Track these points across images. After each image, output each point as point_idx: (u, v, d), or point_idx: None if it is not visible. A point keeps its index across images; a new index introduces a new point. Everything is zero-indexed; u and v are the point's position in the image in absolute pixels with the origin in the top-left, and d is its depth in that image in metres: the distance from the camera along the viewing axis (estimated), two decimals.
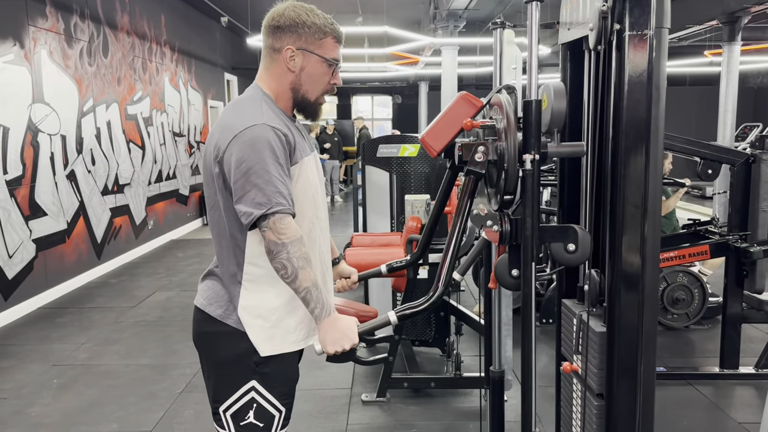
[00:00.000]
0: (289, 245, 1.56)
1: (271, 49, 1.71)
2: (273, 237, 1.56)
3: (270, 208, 1.54)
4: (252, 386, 1.72)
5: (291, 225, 1.57)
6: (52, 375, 3.93)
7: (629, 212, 1.62)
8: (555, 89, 1.53)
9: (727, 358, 3.77)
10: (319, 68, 1.72)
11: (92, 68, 6.55)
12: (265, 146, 1.57)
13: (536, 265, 1.65)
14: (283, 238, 1.56)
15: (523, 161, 1.57)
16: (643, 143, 1.60)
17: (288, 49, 1.68)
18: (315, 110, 1.79)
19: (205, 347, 1.80)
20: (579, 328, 1.84)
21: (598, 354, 1.72)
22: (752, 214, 3.63)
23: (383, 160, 4.14)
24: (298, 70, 1.70)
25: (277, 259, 1.57)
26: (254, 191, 1.55)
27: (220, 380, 1.76)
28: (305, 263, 1.58)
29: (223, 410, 1.75)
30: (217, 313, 1.74)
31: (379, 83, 18.88)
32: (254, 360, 1.71)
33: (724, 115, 8.61)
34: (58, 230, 5.80)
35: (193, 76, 9.92)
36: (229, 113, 1.69)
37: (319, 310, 1.61)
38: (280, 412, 1.76)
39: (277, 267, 1.58)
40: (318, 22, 1.70)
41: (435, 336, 4.05)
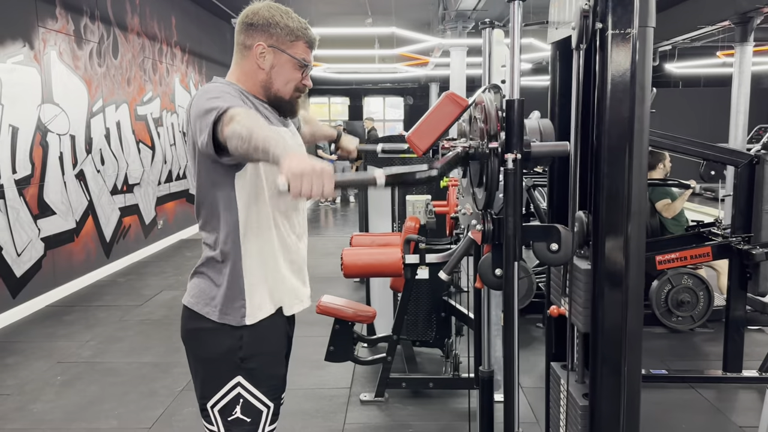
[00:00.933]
0: (240, 119, 1.45)
1: (242, 45, 1.73)
2: (226, 126, 1.46)
3: (220, 110, 1.49)
4: (238, 382, 1.73)
5: (240, 109, 1.49)
6: (56, 372, 3.97)
7: (612, 212, 1.61)
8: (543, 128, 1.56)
9: (730, 361, 3.73)
10: (289, 67, 1.73)
11: (102, 69, 6.62)
12: (212, 90, 1.63)
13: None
14: (236, 117, 1.46)
15: (505, 160, 1.57)
16: (626, 142, 1.59)
17: (259, 45, 1.70)
18: (291, 107, 1.80)
19: (192, 344, 1.82)
20: (567, 270, 1.82)
21: (583, 293, 1.70)
22: (756, 215, 3.58)
23: (385, 161, 4.14)
24: (268, 68, 1.72)
25: (233, 136, 1.43)
26: (206, 116, 1.51)
27: (206, 376, 1.78)
28: (258, 122, 1.46)
29: (210, 406, 1.77)
30: (205, 311, 1.76)
31: (390, 84, 18.89)
32: (239, 356, 1.73)
33: (736, 116, 8.50)
34: (67, 229, 5.86)
35: (204, 77, 9.98)
36: None
37: (282, 149, 1.37)
38: (268, 408, 1.77)
39: (235, 144, 1.43)
40: (291, 24, 1.71)
41: (436, 336, 4.04)
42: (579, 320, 1.73)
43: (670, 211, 4.71)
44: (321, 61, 12.30)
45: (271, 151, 1.38)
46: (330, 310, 3.29)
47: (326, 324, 3.31)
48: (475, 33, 9.37)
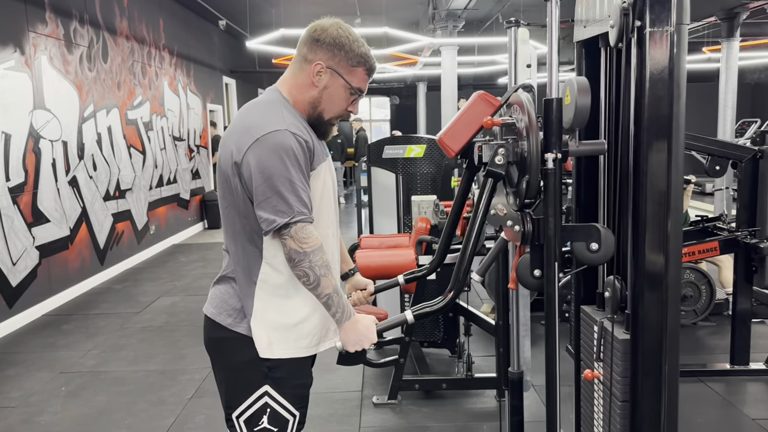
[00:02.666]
0: (311, 254, 1.58)
1: (303, 58, 1.71)
2: (295, 246, 1.57)
3: (292, 217, 1.56)
4: (265, 391, 1.71)
5: (312, 234, 1.59)
6: (60, 383, 3.91)
7: (652, 209, 1.61)
8: (579, 84, 1.51)
9: (737, 354, 3.76)
10: (341, 92, 1.72)
11: (92, 73, 6.53)
12: (288, 153, 1.57)
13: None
14: (306, 247, 1.57)
15: (545, 160, 1.56)
16: (665, 140, 1.59)
17: (318, 64, 1.68)
18: (326, 130, 1.79)
19: (217, 353, 1.80)
20: (600, 335, 1.83)
21: (621, 362, 1.71)
22: (760, 209, 3.62)
23: (389, 162, 4.13)
24: (321, 87, 1.70)
25: (299, 267, 1.59)
26: (276, 198, 1.55)
27: (232, 386, 1.76)
28: (327, 271, 1.61)
29: (236, 416, 1.75)
30: (227, 322, 1.73)
31: (376, 84, 18.86)
32: (266, 365, 1.70)
33: (724, 111, 8.62)
34: (61, 237, 5.77)
35: (192, 80, 9.89)
36: (248, 115, 1.68)
37: (341, 314, 1.65)
38: (294, 417, 1.75)
39: (299, 274, 1.60)
40: (356, 50, 1.70)
41: (444, 337, 4.04)
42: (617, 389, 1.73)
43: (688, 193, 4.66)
44: None
45: (332, 311, 1.65)
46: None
47: None
48: (465, 32, 9.39)
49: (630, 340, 1.70)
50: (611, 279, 1.80)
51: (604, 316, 1.85)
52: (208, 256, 7.67)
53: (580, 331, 2.04)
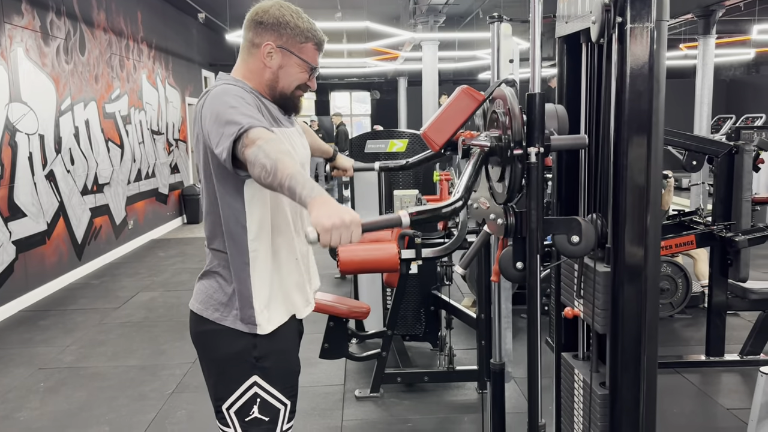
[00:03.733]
0: (263, 145, 1.43)
1: (250, 43, 1.70)
2: (247, 149, 1.44)
3: (241, 128, 1.47)
4: (254, 381, 1.71)
5: (262, 131, 1.47)
6: (39, 378, 3.86)
7: (632, 203, 1.64)
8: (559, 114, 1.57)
9: (712, 345, 3.84)
10: (296, 69, 1.71)
11: (69, 66, 6.43)
12: (229, 94, 1.58)
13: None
14: (258, 141, 1.44)
15: (528, 154, 1.58)
16: (645, 134, 1.61)
17: (267, 45, 1.67)
18: (294, 104, 1.78)
19: (204, 346, 1.79)
20: (581, 272, 1.84)
21: (602, 295, 1.72)
22: (736, 204, 3.69)
23: (371, 156, 4.13)
24: (275, 68, 1.70)
25: (256, 164, 1.42)
26: (225, 127, 1.49)
27: (220, 378, 1.75)
28: (283, 155, 1.43)
29: (226, 408, 1.74)
30: (214, 317, 1.73)
31: (357, 79, 18.83)
32: (254, 355, 1.70)
33: (701, 108, 8.76)
34: (38, 231, 5.69)
35: (171, 73, 9.80)
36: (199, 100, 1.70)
37: (308, 190, 1.38)
38: (285, 406, 1.76)
39: (258, 173, 1.43)
40: (302, 25, 1.69)
41: (425, 330, 4.06)
42: (598, 322, 1.75)
43: (664, 205, 4.73)
44: None
45: (297, 191, 1.38)
46: (324, 307, 3.27)
47: (317, 321, 3.28)
48: (445, 27, 9.41)
49: (610, 332, 1.73)
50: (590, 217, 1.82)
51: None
52: (187, 251, 7.61)
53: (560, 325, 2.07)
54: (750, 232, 3.60)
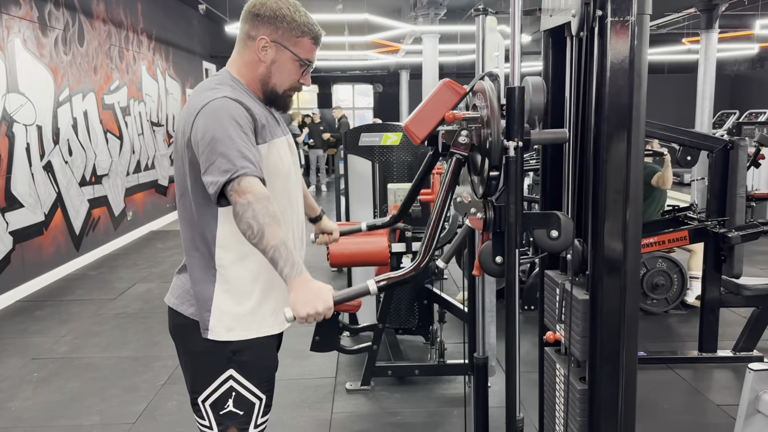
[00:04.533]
0: (254, 203, 1.47)
1: (246, 35, 1.69)
2: (237, 198, 1.48)
3: (235, 172, 1.48)
4: (230, 375, 1.71)
5: (256, 184, 1.50)
6: (32, 369, 3.88)
7: (611, 198, 1.63)
8: (534, 84, 1.54)
9: (705, 341, 3.83)
10: (290, 65, 1.70)
11: (68, 57, 6.43)
12: (227, 115, 1.54)
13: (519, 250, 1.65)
14: (248, 196, 1.48)
15: (507, 148, 1.57)
16: (625, 129, 1.61)
17: (262, 39, 1.66)
18: (284, 102, 1.78)
19: (181, 339, 1.80)
20: (562, 297, 1.84)
21: (581, 321, 1.73)
22: (730, 199, 3.68)
23: (365, 149, 4.12)
24: (269, 62, 1.69)
25: (243, 220, 1.48)
26: (219, 159, 1.50)
27: (197, 371, 1.75)
28: (272, 220, 1.49)
29: (201, 400, 1.75)
30: (189, 312, 1.73)
31: (359, 72, 18.78)
32: (230, 349, 1.70)
33: (702, 103, 8.68)
34: (36, 222, 5.71)
35: (171, 64, 9.79)
36: (194, 97, 1.67)
37: (289, 269, 1.49)
38: (261, 400, 1.76)
39: (243, 229, 1.49)
40: (299, 19, 1.68)
41: (418, 324, 4.06)
42: (577, 348, 1.75)
43: (666, 182, 4.60)
44: None
45: (279, 266, 1.49)
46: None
47: None
48: (446, 20, 9.37)
49: (589, 327, 1.72)
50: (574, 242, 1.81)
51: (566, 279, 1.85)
52: None
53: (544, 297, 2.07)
54: (743, 228, 3.58)
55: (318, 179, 12.69)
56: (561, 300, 1.84)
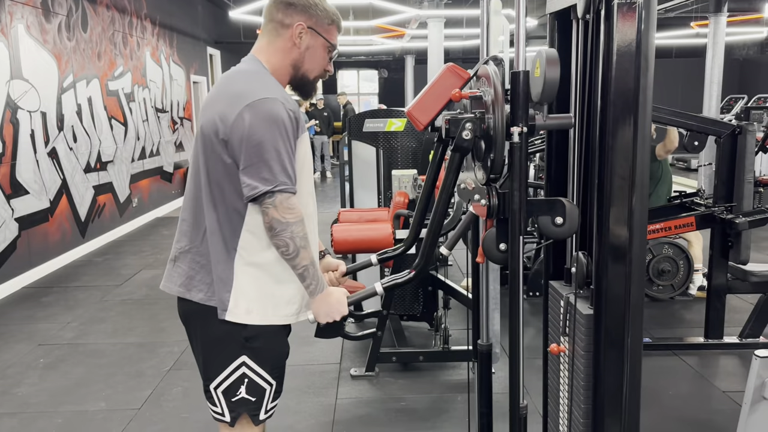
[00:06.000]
0: (293, 225, 1.61)
1: (279, 23, 1.74)
2: (277, 215, 1.59)
3: (276, 186, 1.58)
4: (243, 362, 1.73)
5: (296, 205, 1.62)
6: (39, 354, 3.90)
7: (617, 184, 1.61)
8: (548, 56, 1.48)
9: (711, 328, 3.81)
10: (321, 51, 1.78)
11: (71, 43, 6.41)
12: (278, 122, 1.60)
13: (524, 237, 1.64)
14: (289, 217, 1.60)
15: (511, 134, 1.55)
16: (631, 114, 1.58)
17: (299, 25, 1.73)
18: (311, 89, 1.85)
19: (193, 326, 1.81)
20: (566, 310, 1.83)
21: (584, 336, 1.73)
22: (738, 185, 3.64)
23: (370, 135, 4.10)
24: (303, 48, 1.75)
25: (280, 236, 1.61)
26: (262, 165, 1.58)
27: (209, 358, 1.77)
28: (306, 243, 1.64)
29: (213, 387, 1.76)
30: (199, 297, 1.74)
31: (365, 57, 18.68)
32: (243, 335, 1.71)
33: (710, 87, 8.60)
34: (41, 209, 5.72)
35: (175, 50, 9.75)
36: (233, 83, 1.70)
37: (314, 286, 1.68)
38: (271, 386, 1.78)
39: (278, 244, 1.62)
40: (328, 9, 1.78)
41: (423, 310, 4.05)
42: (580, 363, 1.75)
43: (671, 143, 4.47)
44: None
45: (307, 282, 1.67)
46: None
47: None
48: (452, 4, 9.28)
49: (594, 314, 1.71)
50: (577, 255, 1.81)
51: (570, 292, 1.86)
52: None
53: (548, 306, 2.06)
54: (751, 214, 3.55)
55: (323, 166, 12.68)
56: (565, 313, 1.83)
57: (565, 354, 1.91)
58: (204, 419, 3.06)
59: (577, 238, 1.88)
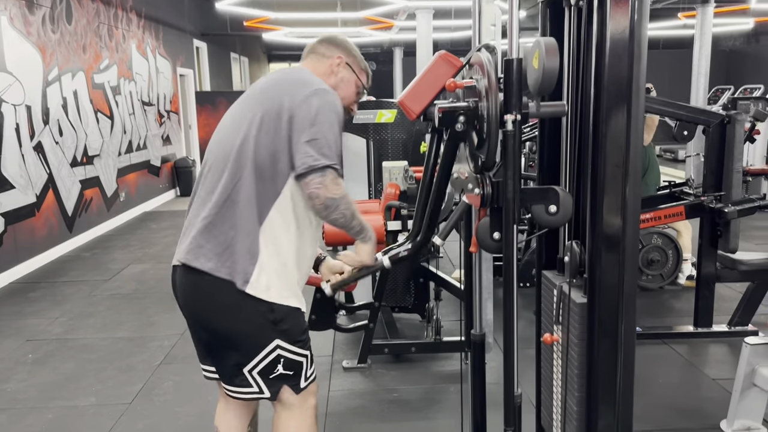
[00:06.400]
0: (340, 199, 1.77)
1: (321, 54, 2.00)
2: (328, 193, 1.74)
3: (333, 163, 1.75)
4: (276, 344, 1.81)
5: (342, 183, 1.80)
6: (27, 350, 3.86)
7: (611, 171, 1.61)
8: (547, 46, 1.46)
9: (701, 317, 3.84)
10: (352, 86, 2.02)
11: (56, 35, 6.32)
12: (338, 113, 1.82)
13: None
14: (337, 192, 1.76)
15: (505, 122, 1.54)
16: (624, 101, 1.57)
17: (339, 58, 1.99)
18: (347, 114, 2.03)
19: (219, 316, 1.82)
20: (560, 299, 1.84)
21: (578, 325, 1.73)
22: (726, 174, 3.66)
23: (359, 127, 4.08)
24: (339, 78, 1.99)
25: (337, 211, 1.77)
26: (324, 143, 1.74)
27: (241, 344, 1.82)
28: (354, 206, 1.85)
29: (248, 370, 1.82)
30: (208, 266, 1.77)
31: None
32: (271, 319, 1.79)
33: (697, 78, 8.65)
34: (27, 203, 5.65)
35: (161, 43, 9.66)
36: (296, 73, 1.93)
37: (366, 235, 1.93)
38: (306, 357, 1.88)
39: (336, 218, 1.79)
40: (362, 60, 2.06)
41: (414, 302, 4.05)
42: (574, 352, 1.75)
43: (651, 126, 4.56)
44: (281, 25, 12.02)
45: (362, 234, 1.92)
46: (312, 279, 3.24)
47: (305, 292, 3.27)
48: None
49: (587, 303, 1.71)
50: (570, 244, 1.81)
51: (563, 281, 1.86)
52: (180, 224, 7.46)
53: (541, 296, 2.06)
54: (740, 203, 3.57)
55: None
56: (558, 302, 1.83)
57: (558, 343, 1.92)
58: (196, 412, 3.05)
59: (571, 228, 1.88)
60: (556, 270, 2.00)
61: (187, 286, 1.85)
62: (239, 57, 15.44)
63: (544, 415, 2.10)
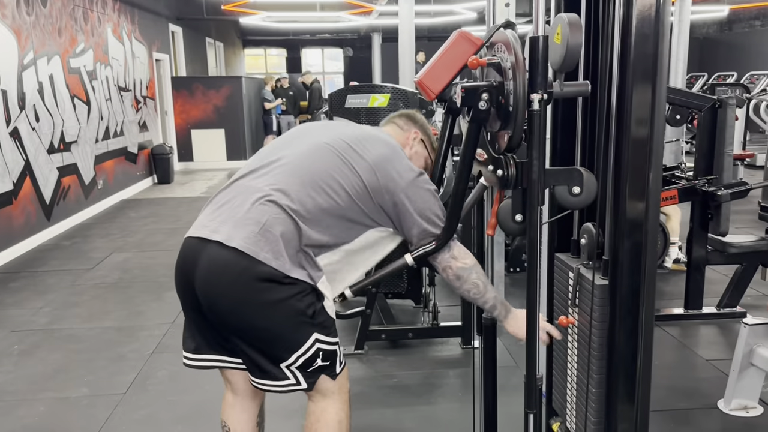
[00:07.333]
0: (473, 267, 1.87)
1: (399, 126, 2.11)
2: (459, 264, 1.86)
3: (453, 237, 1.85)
4: (315, 338, 1.79)
5: (466, 250, 1.89)
6: (12, 341, 3.76)
7: (635, 152, 1.59)
8: (571, 21, 1.44)
9: (691, 299, 3.89)
10: (422, 161, 2.10)
11: (31, 18, 6.12)
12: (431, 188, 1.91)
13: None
14: (468, 262, 1.87)
15: (531, 101, 1.51)
16: (650, 80, 1.55)
17: (416, 132, 2.10)
18: None
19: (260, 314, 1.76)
20: (576, 281, 1.82)
21: (599, 307, 1.71)
22: (718, 158, 3.70)
23: (352, 112, 4.02)
24: (413, 150, 2.08)
25: (469, 281, 1.87)
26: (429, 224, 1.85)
27: (280, 340, 1.78)
28: (487, 279, 1.91)
29: (286, 365, 1.79)
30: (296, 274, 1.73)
31: (329, 35, 18.44)
32: (308, 314, 1.76)
33: (676, 65, 8.71)
34: (4, 191, 5.49)
35: (137, 27, 9.44)
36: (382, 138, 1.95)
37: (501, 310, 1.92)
38: (338, 344, 1.88)
39: (468, 288, 1.88)
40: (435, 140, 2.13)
41: (408, 288, 4.03)
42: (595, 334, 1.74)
43: None
44: (258, 9, 11.82)
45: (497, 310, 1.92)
46: None
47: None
48: None
49: (608, 285, 1.70)
50: (588, 226, 1.79)
51: (580, 263, 1.84)
52: (160, 212, 7.44)
53: (553, 279, 2.05)
54: (731, 186, 3.61)
55: None
56: (576, 284, 1.81)
57: (573, 326, 1.91)
58: (192, 401, 3.00)
59: (585, 210, 1.87)
60: (570, 253, 1.99)
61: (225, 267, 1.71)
62: (214, 42, 15.17)
63: (556, 398, 2.10)
